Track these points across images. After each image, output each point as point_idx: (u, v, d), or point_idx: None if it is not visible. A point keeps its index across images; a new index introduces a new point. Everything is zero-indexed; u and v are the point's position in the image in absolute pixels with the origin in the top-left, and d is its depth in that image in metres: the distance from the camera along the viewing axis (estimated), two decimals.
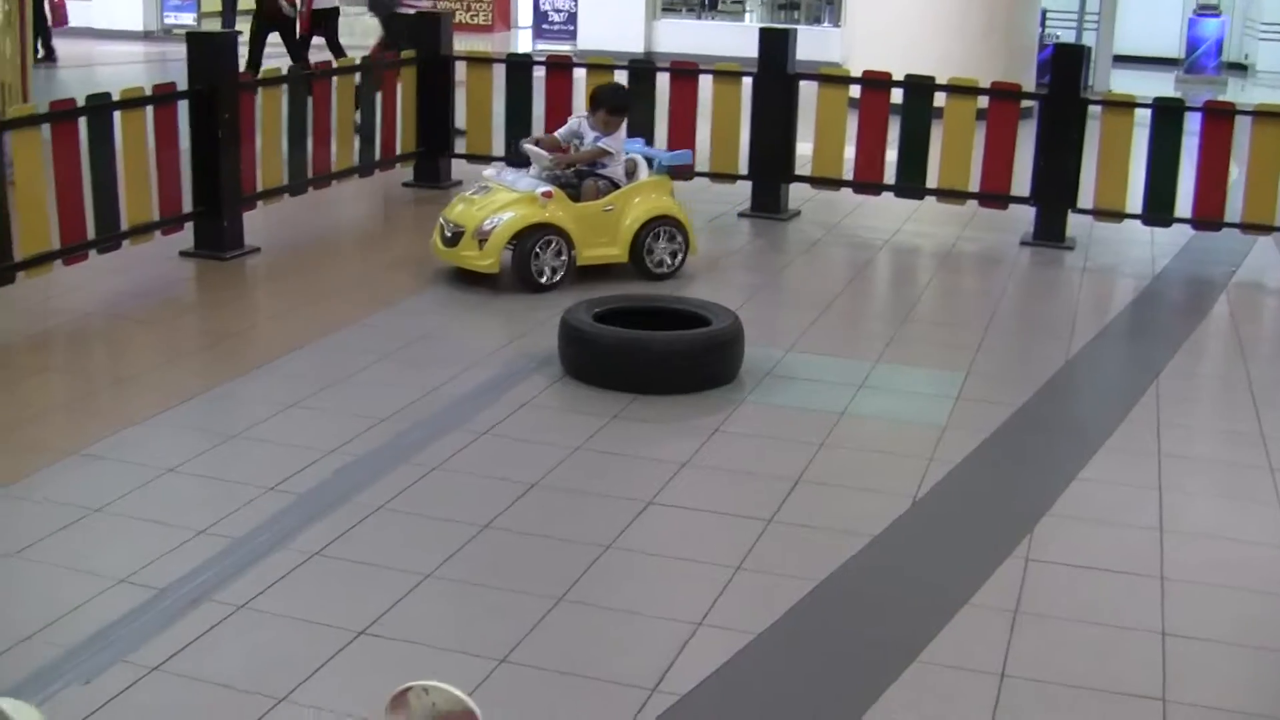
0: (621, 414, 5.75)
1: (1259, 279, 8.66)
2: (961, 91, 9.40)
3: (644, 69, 10.11)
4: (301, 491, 4.84)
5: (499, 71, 10.24)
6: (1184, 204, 8.94)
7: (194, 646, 3.79)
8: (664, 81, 9.91)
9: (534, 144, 7.95)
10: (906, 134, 9.43)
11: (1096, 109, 9.19)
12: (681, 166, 8.40)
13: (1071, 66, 9.19)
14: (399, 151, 10.08)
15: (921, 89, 9.39)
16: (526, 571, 4.35)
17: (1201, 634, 4.07)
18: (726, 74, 9.80)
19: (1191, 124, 8.93)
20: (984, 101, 9.37)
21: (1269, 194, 8.68)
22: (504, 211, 7.50)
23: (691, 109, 9.76)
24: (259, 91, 8.62)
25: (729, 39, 19.67)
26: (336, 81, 9.41)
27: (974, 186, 9.37)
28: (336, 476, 4.99)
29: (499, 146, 10.02)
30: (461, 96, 10.34)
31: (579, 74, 10.02)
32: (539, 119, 9.85)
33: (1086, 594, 4.32)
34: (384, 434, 5.42)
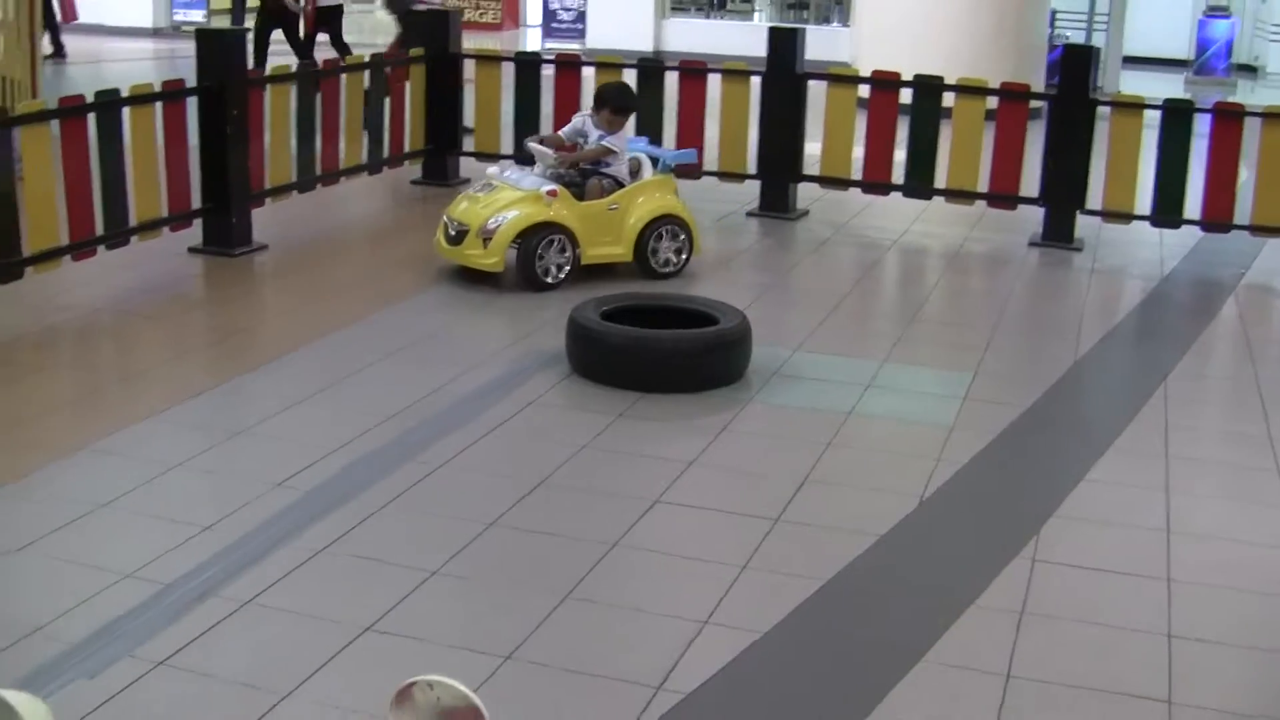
0: (628, 412, 5.74)
1: (1268, 281, 8.64)
2: (970, 92, 9.39)
3: (652, 68, 10.11)
4: (308, 488, 4.85)
5: (508, 70, 10.25)
6: (1193, 205, 8.93)
7: (200, 641, 3.79)
8: (672, 81, 9.91)
9: (539, 142, 7.96)
10: (915, 134, 9.42)
11: (1106, 110, 9.17)
12: (687, 165, 8.39)
13: (1081, 67, 9.17)
14: (407, 149, 10.09)
15: (930, 89, 9.39)
16: (532, 569, 4.35)
17: (1208, 636, 4.06)
18: (735, 73, 9.80)
19: (1201, 125, 8.91)
20: (993, 102, 9.36)
21: (1278, 196, 8.66)
22: (508, 210, 7.50)
23: (700, 108, 9.76)
24: (268, 88, 8.63)
25: (738, 38, 19.63)
26: (345, 79, 9.41)
27: (983, 187, 9.35)
28: (343, 473, 4.99)
29: (507, 144, 10.02)
30: (470, 94, 10.35)
31: (587, 72, 10.02)
32: (547, 117, 9.85)
33: (1093, 595, 4.31)
34: (390, 431, 5.43)
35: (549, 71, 10.16)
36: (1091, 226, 9.32)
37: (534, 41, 24.40)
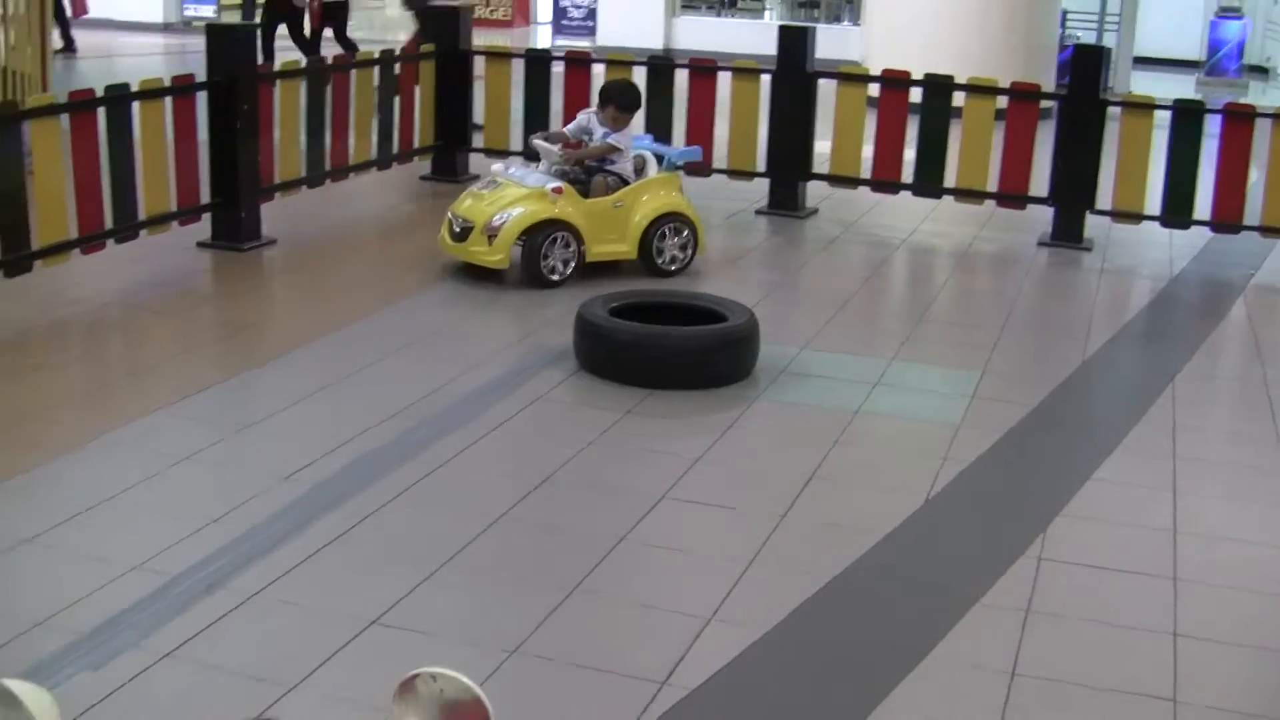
0: (636, 409, 5.74)
1: (1278, 282, 8.61)
2: (980, 91, 9.37)
3: (663, 65, 10.11)
4: (314, 482, 4.85)
5: (518, 66, 10.25)
6: (1203, 206, 8.91)
7: (206, 634, 3.80)
8: (682, 78, 9.90)
9: (544, 139, 7.95)
10: (925, 133, 9.41)
11: (1116, 110, 9.16)
12: (693, 162, 8.38)
13: (1091, 67, 9.16)
14: (417, 145, 10.10)
15: (940, 88, 9.37)
16: (538, 564, 4.35)
17: (1214, 635, 4.05)
18: (745, 71, 9.79)
19: (1211, 126, 8.90)
20: (1003, 101, 9.35)
21: None
22: (514, 207, 7.49)
23: (710, 106, 9.75)
24: (277, 84, 8.64)
25: (748, 36, 19.63)
26: (355, 74, 9.42)
27: (992, 186, 9.35)
28: (350, 468, 5.00)
29: (517, 141, 10.02)
30: (480, 91, 10.36)
31: (597, 70, 10.02)
32: (557, 114, 9.85)
33: (1099, 594, 4.30)
34: (398, 427, 5.43)
35: (559, 69, 10.17)
36: (1101, 226, 9.31)
37: (544, 39, 24.40)
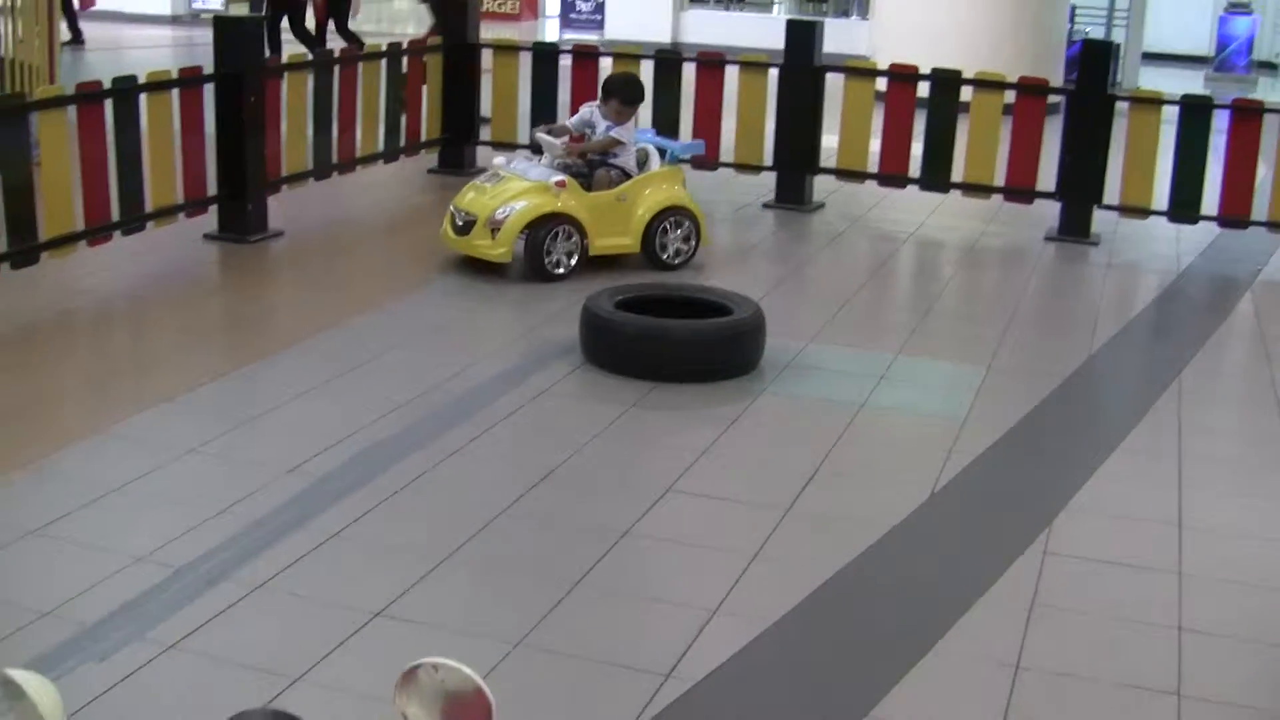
0: (641, 402, 5.75)
1: None
2: (988, 86, 9.36)
3: (670, 59, 10.10)
4: (320, 474, 4.86)
5: (525, 59, 10.25)
6: (1210, 201, 8.90)
7: (210, 626, 3.80)
8: (690, 72, 9.89)
9: (546, 132, 7.94)
10: (932, 128, 9.40)
11: (1124, 105, 9.15)
12: (698, 156, 8.37)
13: (1099, 62, 9.14)
14: (424, 138, 10.10)
15: (948, 83, 9.36)
16: (543, 556, 4.35)
17: (1218, 630, 4.05)
18: (753, 65, 9.79)
19: (1219, 122, 8.89)
20: (1011, 96, 9.34)
21: None
22: (517, 200, 7.48)
23: (717, 100, 9.74)
24: (285, 76, 8.64)
25: (756, 31, 19.60)
26: (362, 67, 9.42)
27: (999, 181, 9.34)
28: (355, 460, 5.00)
29: (524, 135, 10.02)
30: (488, 84, 10.35)
31: (605, 63, 10.02)
32: (564, 107, 9.84)
33: (1104, 588, 4.30)
34: (403, 419, 5.43)
35: (566, 62, 10.16)
36: (1108, 221, 9.30)
37: (552, 32, 24.39)
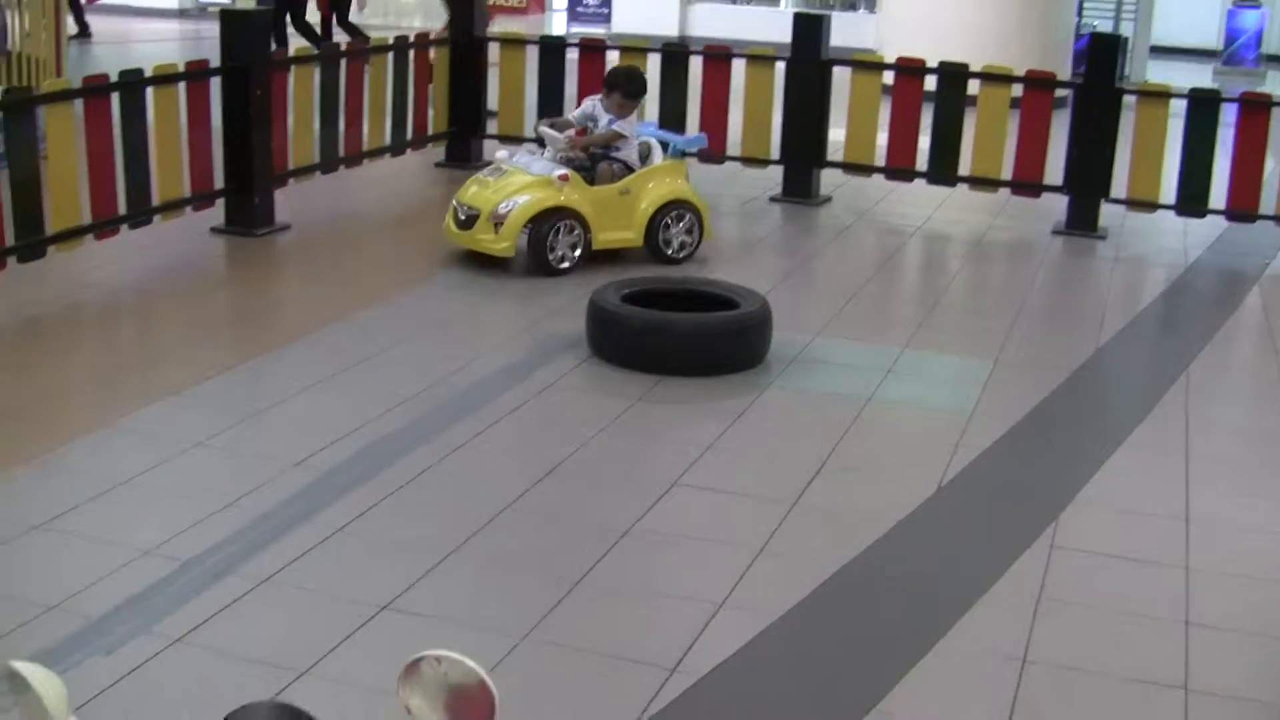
0: (647, 396, 5.74)
1: None
2: (996, 79, 9.35)
3: (677, 53, 10.09)
4: (326, 468, 4.86)
5: (532, 53, 10.25)
6: (1218, 195, 8.88)
7: (216, 619, 3.80)
8: (697, 66, 9.88)
9: (549, 126, 7.93)
10: (939, 121, 9.39)
11: (1131, 99, 9.13)
12: (705, 150, 8.36)
13: (1107, 56, 9.13)
14: (431, 131, 10.10)
15: (955, 76, 9.35)
16: (549, 551, 4.35)
17: (1225, 624, 4.04)
18: (760, 58, 9.77)
19: (1228, 115, 8.86)
20: (1018, 89, 9.32)
21: None
22: (520, 194, 7.47)
23: (724, 93, 9.73)
24: (291, 70, 8.64)
25: (764, 24, 19.60)
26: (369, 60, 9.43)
27: (1007, 175, 9.33)
28: (362, 453, 5.00)
29: (530, 128, 10.01)
30: (495, 78, 10.35)
31: (612, 56, 10.01)
32: (571, 101, 9.83)
33: (1110, 582, 4.30)
34: (409, 413, 5.43)
35: (573, 55, 10.16)
36: (1116, 215, 9.28)
37: (559, 26, 24.36)
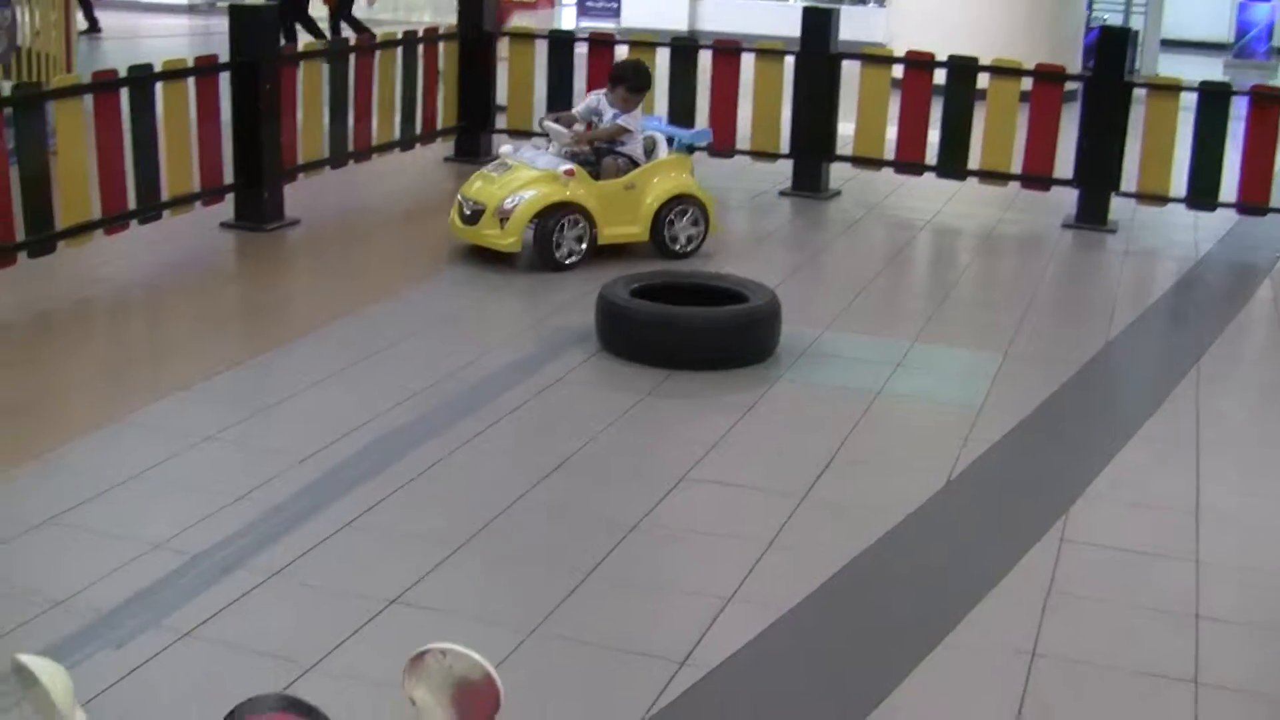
0: (656, 390, 5.74)
1: None
2: (1005, 73, 9.32)
3: (686, 47, 10.07)
4: (335, 462, 4.86)
5: (541, 47, 10.24)
6: (1229, 188, 8.86)
7: (225, 613, 3.81)
8: (706, 60, 9.87)
9: (554, 120, 7.92)
10: (949, 115, 9.37)
11: (1141, 92, 9.10)
12: (712, 144, 8.35)
13: (1117, 49, 9.10)
14: (440, 126, 10.10)
15: (965, 70, 9.32)
16: (557, 544, 4.35)
17: (1235, 617, 4.04)
18: (769, 52, 9.76)
19: (1238, 108, 8.84)
20: (1028, 83, 9.30)
21: None
22: (525, 190, 7.46)
23: (733, 87, 9.72)
24: (301, 65, 8.65)
25: (773, 18, 19.57)
26: (378, 55, 9.42)
27: (1016, 168, 9.30)
28: (370, 448, 5.00)
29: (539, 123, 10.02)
30: (504, 72, 10.35)
31: (621, 51, 10.01)
32: (580, 96, 9.82)
33: (1120, 576, 4.29)
34: (417, 407, 5.43)
35: (583, 50, 10.15)
36: (1126, 209, 9.26)
37: (569, 20, 24.36)
